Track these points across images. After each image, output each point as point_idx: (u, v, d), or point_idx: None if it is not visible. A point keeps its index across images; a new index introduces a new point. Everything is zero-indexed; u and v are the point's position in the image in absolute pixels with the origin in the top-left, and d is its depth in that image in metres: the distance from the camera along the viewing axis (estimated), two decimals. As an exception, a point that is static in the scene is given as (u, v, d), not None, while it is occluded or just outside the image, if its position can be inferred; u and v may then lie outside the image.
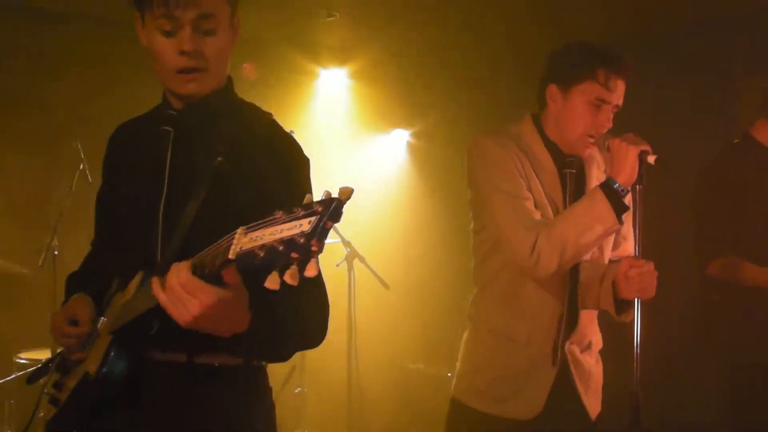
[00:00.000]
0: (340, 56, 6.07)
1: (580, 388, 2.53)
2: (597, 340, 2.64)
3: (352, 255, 5.18)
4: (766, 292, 3.29)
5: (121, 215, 1.88)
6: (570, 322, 2.51)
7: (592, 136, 2.43)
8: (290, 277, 1.25)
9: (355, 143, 6.31)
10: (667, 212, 3.63)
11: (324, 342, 1.81)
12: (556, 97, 2.47)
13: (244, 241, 1.32)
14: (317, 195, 1.27)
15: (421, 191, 6.48)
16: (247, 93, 1.98)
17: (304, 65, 5.99)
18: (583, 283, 2.52)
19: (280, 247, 1.24)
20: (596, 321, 2.63)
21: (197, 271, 1.47)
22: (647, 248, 2.31)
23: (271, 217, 1.29)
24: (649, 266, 2.31)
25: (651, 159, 2.26)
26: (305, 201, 1.28)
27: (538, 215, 2.41)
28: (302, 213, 1.25)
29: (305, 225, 1.23)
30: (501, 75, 5.80)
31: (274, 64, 5.63)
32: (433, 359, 5.62)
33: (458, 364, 2.67)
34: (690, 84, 4.92)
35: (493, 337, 2.55)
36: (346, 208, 1.25)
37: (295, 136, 1.90)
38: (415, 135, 6.57)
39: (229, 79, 1.91)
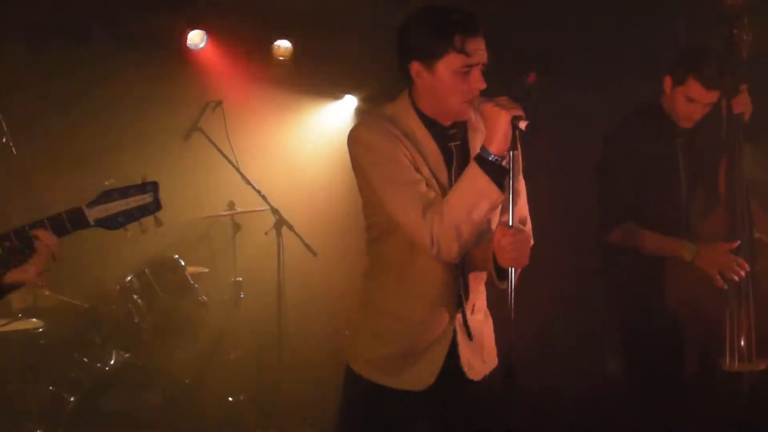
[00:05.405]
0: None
1: (463, 356, 2.53)
2: (482, 299, 2.64)
3: (280, 222, 5.13)
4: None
5: None
6: (462, 293, 2.51)
7: (468, 101, 2.37)
8: None
9: (303, 110, 6.33)
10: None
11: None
12: (422, 74, 2.38)
13: None
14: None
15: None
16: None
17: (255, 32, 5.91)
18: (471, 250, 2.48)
19: None
20: (483, 283, 2.61)
21: None
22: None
23: None
24: (521, 235, 2.27)
25: (522, 125, 2.20)
26: None
27: (432, 194, 2.37)
28: None
29: None
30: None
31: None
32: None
33: (352, 335, 2.67)
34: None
35: (387, 316, 2.55)
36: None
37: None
38: (363, 100, 6.48)
39: None
